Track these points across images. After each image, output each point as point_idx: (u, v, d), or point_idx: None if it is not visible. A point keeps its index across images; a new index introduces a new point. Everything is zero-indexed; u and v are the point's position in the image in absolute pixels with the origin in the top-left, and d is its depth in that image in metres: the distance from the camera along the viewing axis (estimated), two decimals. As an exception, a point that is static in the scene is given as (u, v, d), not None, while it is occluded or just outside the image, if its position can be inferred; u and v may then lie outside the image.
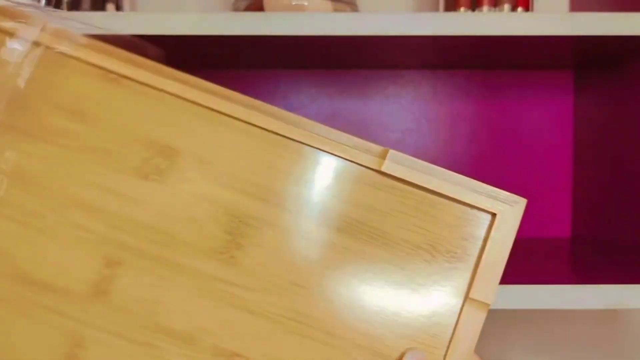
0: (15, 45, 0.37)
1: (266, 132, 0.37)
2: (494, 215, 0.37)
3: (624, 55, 0.65)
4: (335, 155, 0.37)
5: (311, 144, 0.37)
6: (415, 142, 0.81)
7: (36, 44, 0.37)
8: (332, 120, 0.81)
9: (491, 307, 0.37)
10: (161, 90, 0.37)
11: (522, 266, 0.53)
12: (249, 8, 0.62)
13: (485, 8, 0.66)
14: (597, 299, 0.52)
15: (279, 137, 0.37)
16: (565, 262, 0.65)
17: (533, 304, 0.52)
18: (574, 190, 0.80)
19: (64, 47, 0.37)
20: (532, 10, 0.68)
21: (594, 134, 0.74)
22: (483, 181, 0.37)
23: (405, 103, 0.81)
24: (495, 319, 0.85)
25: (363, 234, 0.37)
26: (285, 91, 0.81)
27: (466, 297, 0.37)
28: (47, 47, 0.37)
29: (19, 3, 0.39)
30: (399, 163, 0.37)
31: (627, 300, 0.52)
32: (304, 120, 0.37)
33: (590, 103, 0.76)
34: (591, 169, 0.75)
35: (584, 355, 0.85)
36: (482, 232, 0.37)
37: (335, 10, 0.61)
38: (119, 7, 0.67)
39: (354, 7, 0.64)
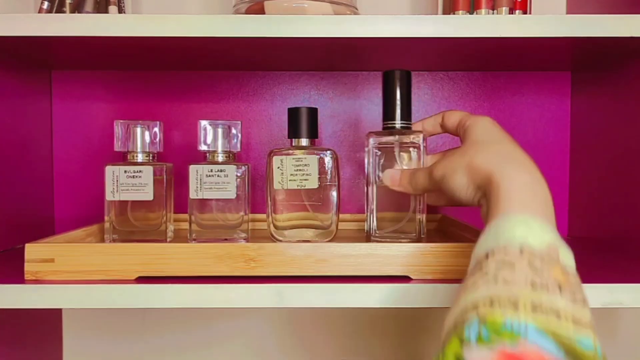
0: None
1: None
2: None
3: (620, 56, 0.66)
4: None
5: None
6: (414, 143, 0.81)
7: None
8: (330, 121, 0.81)
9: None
10: None
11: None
12: (249, 11, 0.62)
13: (483, 11, 0.67)
14: (594, 298, 0.51)
15: None
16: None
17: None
18: (571, 190, 0.81)
19: None
20: (529, 13, 0.68)
21: (590, 134, 0.75)
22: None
23: (404, 104, 0.81)
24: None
25: None
26: (284, 92, 0.81)
27: None
28: None
29: None
30: None
31: (624, 299, 0.53)
32: None
33: (587, 104, 0.76)
34: (587, 169, 0.76)
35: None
36: None
37: (335, 13, 0.62)
38: (121, 10, 0.68)
39: (353, 10, 0.65)
